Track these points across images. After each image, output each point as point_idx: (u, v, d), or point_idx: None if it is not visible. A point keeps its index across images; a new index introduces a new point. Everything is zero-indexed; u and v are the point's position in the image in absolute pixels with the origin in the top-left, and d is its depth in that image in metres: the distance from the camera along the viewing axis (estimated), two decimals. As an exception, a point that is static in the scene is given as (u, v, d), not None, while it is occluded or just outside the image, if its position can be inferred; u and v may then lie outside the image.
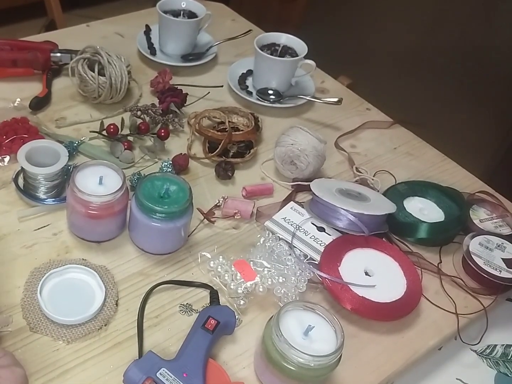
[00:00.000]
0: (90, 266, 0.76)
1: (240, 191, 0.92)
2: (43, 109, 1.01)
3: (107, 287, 0.74)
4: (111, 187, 0.77)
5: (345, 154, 1.04)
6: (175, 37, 1.17)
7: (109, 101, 1.03)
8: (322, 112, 1.13)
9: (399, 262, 0.82)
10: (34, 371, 0.66)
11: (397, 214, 0.89)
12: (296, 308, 0.67)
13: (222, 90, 1.13)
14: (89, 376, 0.66)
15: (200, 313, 0.70)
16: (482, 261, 0.83)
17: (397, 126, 1.13)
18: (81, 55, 1.01)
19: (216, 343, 0.70)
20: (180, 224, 0.77)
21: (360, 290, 0.77)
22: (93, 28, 1.26)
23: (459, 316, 0.80)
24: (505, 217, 0.93)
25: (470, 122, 1.66)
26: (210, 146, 0.98)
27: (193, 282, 0.77)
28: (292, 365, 0.62)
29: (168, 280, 0.77)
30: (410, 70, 1.77)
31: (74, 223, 0.81)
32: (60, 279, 0.74)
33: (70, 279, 0.74)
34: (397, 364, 0.73)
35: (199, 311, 0.73)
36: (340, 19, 1.94)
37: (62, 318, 0.69)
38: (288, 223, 0.85)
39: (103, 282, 0.74)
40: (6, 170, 0.89)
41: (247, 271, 0.77)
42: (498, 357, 0.81)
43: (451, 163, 1.06)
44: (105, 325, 0.71)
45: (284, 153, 0.93)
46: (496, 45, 1.56)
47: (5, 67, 1.06)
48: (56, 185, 0.84)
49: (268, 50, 1.13)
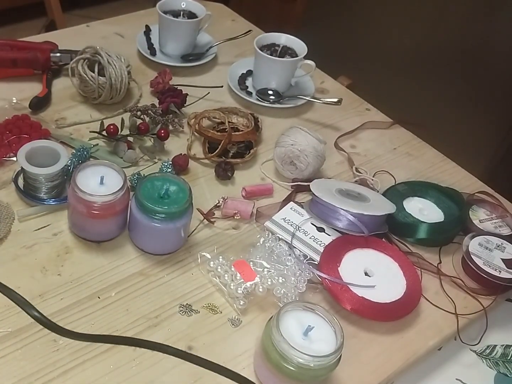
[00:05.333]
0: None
1: (240, 191, 0.92)
2: (43, 109, 1.01)
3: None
4: (112, 187, 0.77)
5: (345, 155, 1.04)
6: (175, 38, 1.17)
7: (109, 101, 1.03)
8: (322, 112, 1.13)
9: (399, 263, 0.82)
10: (34, 371, 0.66)
11: (396, 214, 0.89)
12: (295, 309, 0.67)
13: (222, 91, 1.13)
14: (89, 376, 0.66)
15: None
16: (481, 261, 0.84)
17: (397, 126, 1.13)
18: (81, 55, 1.01)
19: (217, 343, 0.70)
20: (180, 224, 0.78)
21: (359, 291, 0.77)
22: (93, 28, 1.26)
23: (459, 316, 0.80)
24: (505, 218, 0.93)
25: (470, 122, 1.66)
26: (210, 147, 0.98)
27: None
28: (292, 365, 0.62)
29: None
30: (410, 71, 1.77)
31: (75, 223, 0.81)
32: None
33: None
34: (397, 364, 0.73)
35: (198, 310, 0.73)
36: (340, 19, 1.95)
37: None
38: (288, 224, 0.85)
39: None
40: (6, 170, 0.89)
41: (247, 272, 0.77)
42: (498, 358, 0.81)
43: (450, 163, 1.06)
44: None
45: (284, 153, 0.93)
46: (496, 45, 1.56)
47: (5, 67, 1.06)
48: (56, 185, 0.84)
49: (268, 51, 1.13)
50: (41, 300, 0.73)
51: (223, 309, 0.76)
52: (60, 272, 0.77)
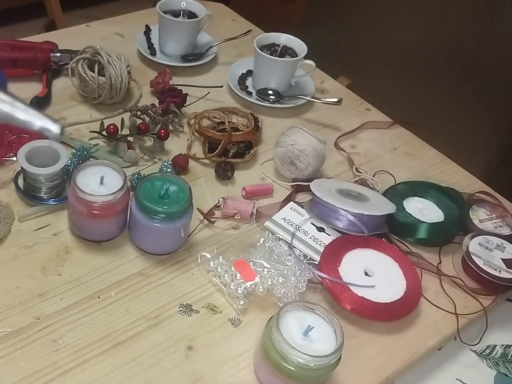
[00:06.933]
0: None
1: (240, 191, 0.92)
2: (43, 109, 1.01)
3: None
4: (112, 186, 0.77)
5: (345, 154, 1.04)
6: (175, 38, 1.17)
7: (109, 101, 1.03)
8: (322, 112, 1.13)
9: (399, 263, 0.82)
10: (34, 371, 0.66)
11: (396, 214, 0.89)
12: (295, 309, 0.67)
13: (222, 90, 1.13)
14: (89, 376, 0.66)
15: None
16: (481, 261, 0.83)
17: (397, 126, 1.13)
18: (81, 55, 1.01)
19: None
20: (180, 224, 0.78)
21: (359, 291, 0.77)
22: (93, 28, 1.26)
23: (459, 316, 0.80)
24: (505, 217, 0.93)
25: (470, 122, 1.66)
26: (210, 147, 0.98)
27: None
28: (292, 365, 0.62)
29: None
30: (410, 70, 1.77)
31: (75, 223, 0.81)
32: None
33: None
34: (397, 364, 0.73)
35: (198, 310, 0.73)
36: (340, 19, 1.94)
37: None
38: (288, 224, 0.85)
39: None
40: (6, 170, 0.89)
41: (247, 272, 0.77)
42: (498, 358, 0.81)
43: (450, 163, 1.06)
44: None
45: (284, 153, 0.93)
46: (496, 45, 1.56)
47: (5, 67, 1.06)
48: (56, 185, 0.84)
49: (268, 51, 1.13)
50: (41, 300, 0.73)
51: (223, 309, 0.76)
52: (60, 272, 0.77)
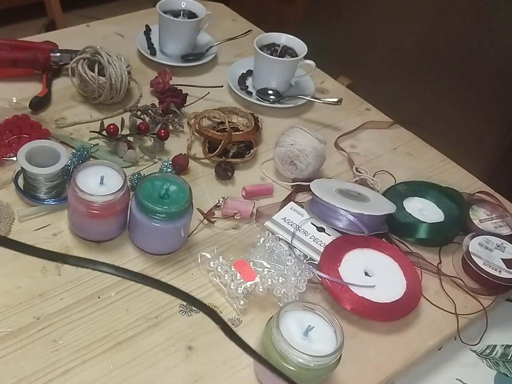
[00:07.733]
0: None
1: (240, 191, 0.92)
2: (43, 109, 1.01)
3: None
4: (112, 186, 0.77)
5: (345, 154, 1.04)
6: (175, 37, 1.17)
7: (109, 101, 1.03)
8: (322, 112, 1.13)
9: (399, 263, 0.82)
10: (34, 371, 0.66)
11: (396, 214, 0.89)
12: (296, 309, 0.67)
13: (222, 90, 1.13)
14: (89, 376, 0.66)
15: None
16: (481, 261, 0.83)
17: (397, 126, 1.13)
18: (81, 55, 1.01)
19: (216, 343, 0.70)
20: (180, 224, 0.77)
21: (359, 291, 0.77)
22: (93, 28, 1.26)
23: (459, 316, 0.80)
24: (505, 217, 0.93)
25: (470, 122, 1.66)
26: (210, 146, 0.98)
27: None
28: (292, 365, 0.62)
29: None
30: (410, 70, 1.77)
31: (75, 223, 0.81)
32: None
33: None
34: (397, 364, 0.73)
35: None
36: (340, 19, 1.94)
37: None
38: (288, 223, 0.85)
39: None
40: (6, 170, 0.89)
41: (247, 272, 0.77)
42: (498, 358, 0.81)
43: (451, 163, 1.06)
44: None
45: (284, 153, 0.93)
46: (495, 45, 1.56)
47: (5, 67, 1.06)
48: (56, 185, 0.84)
49: (268, 50, 1.13)
50: (41, 300, 0.73)
51: (223, 309, 0.76)
52: (60, 272, 0.77)
